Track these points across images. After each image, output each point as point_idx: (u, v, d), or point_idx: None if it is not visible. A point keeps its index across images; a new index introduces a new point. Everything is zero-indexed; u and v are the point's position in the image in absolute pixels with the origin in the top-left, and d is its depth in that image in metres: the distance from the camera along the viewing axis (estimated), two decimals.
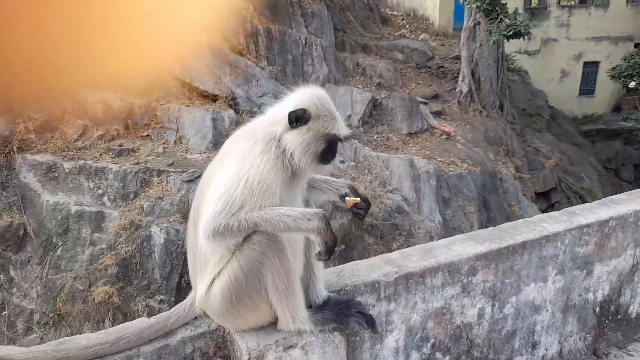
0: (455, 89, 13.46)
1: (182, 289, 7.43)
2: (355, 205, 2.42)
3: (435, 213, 10.52)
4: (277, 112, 2.22)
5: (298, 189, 2.30)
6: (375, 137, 11.45)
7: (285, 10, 11.85)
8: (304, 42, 11.72)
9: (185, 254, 2.57)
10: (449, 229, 10.58)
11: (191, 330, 2.34)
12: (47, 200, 7.59)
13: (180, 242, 7.69)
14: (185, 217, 7.88)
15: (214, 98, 9.48)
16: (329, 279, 2.76)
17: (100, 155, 8.14)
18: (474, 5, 10.90)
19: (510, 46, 13.94)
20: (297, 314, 2.22)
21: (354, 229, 9.17)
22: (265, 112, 2.30)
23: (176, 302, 3.17)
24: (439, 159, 11.36)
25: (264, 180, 2.04)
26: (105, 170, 7.88)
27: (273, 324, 2.35)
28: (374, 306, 2.73)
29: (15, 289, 7.46)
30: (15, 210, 7.71)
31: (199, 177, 7.27)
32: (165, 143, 8.87)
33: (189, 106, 9.26)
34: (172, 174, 8.09)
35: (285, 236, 2.10)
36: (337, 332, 2.36)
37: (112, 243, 7.53)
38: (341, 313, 2.33)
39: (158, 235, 7.61)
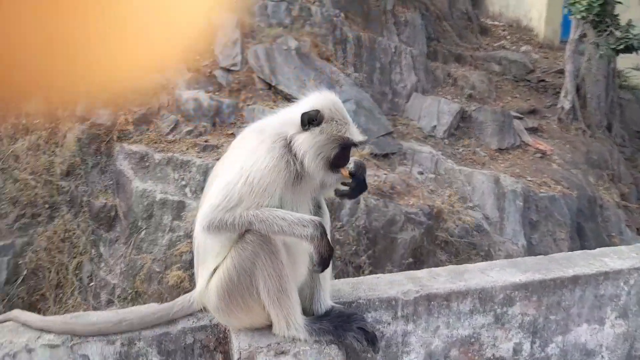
0: (556, 105, 12.49)
1: None
2: (346, 179, 2.30)
3: (520, 236, 9.83)
4: (290, 113, 2.21)
5: (305, 193, 2.26)
6: (461, 150, 10.97)
7: (377, 18, 11.80)
8: (393, 50, 11.59)
9: None
10: (533, 255, 9.82)
11: (193, 322, 2.40)
12: (137, 187, 8.24)
13: None
14: None
15: (296, 101, 9.68)
16: (342, 289, 2.69)
17: (187, 149, 8.68)
18: (578, 16, 10.01)
19: (625, 62, 12.61)
20: (292, 320, 2.18)
21: (425, 243, 8.85)
22: (278, 112, 2.30)
23: None
24: (529, 179, 10.61)
25: (264, 179, 2.03)
26: (189, 163, 8.39)
27: (270, 327, 2.33)
28: (389, 324, 2.61)
29: (102, 264, 8.19)
30: (109, 193, 8.47)
31: None
32: None
33: (272, 108, 9.55)
34: None
35: (280, 239, 2.07)
36: (335, 346, 2.29)
37: (188, 231, 7.98)
38: (340, 326, 2.25)
39: None
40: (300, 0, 11.39)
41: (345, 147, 2.20)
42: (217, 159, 8.62)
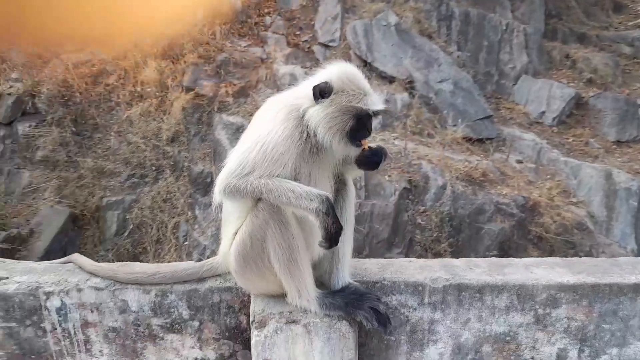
0: None
1: None
2: (364, 150, 2.23)
3: (630, 239, 8.84)
4: (305, 86, 2.21)
5: (325, 168, 2.25)
6: (570, 140, 10.01)
7: None
8: (504, 28, 10.81)
9: None
10: None
11: (220, 282, 2.54)
12: None
13: None
14: None
15: (391, 80, 9.51)
16: (369, 268, 2.67)
17: None
18: None
19: None
20: (304, 291, 2.22)
21: (516, 237, 8.32)
22: (295, 85, 2.31)
23: None
24: None
25: (277, 148, 2.07)
26: None
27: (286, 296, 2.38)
28: (415, 309, 2.56)
29: (197, 226, 8.88)
30: (207, 160, 9.09)
31: None
32: None
33: None
34: None
35: (290, 211, 2.10)
36: (346, 322, 2.30)
37: None
38: (351, 303, 2.25)
39: None
40: None
41: (360, 118, 2.15)
42: None
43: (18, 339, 2.52)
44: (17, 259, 3.21)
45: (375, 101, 2.18)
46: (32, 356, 2.56)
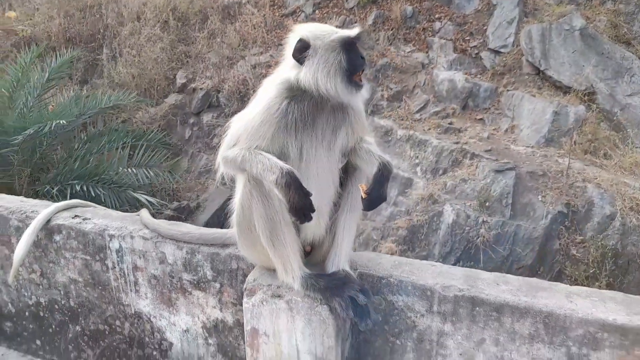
0: None
1: None
2: (364, 198, 2.17)
3: None
4: (285, 62, 2.25)
5: (322, 145, 2.23)
6: None
7: None
8: None
9: None
10: None
11: (238, 250, 2.70)
12: None
13: (467, 228, 7.58)
14: (482, 205, 7.67)
15: (566, 90, 8.46)
16: (382, 263, 2.58)
17: (429, 129, 8.76)
18: None
19: None
20: (288, 266, 2.27)
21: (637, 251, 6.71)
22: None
23: None
24: None
25: (256, 118, 2.17)
26: (427, 143, 8.46)
27: None
28: (422, 316, 2.40)
29: None
30: None
31: (510, 169, 7.06)
32: (495, 130, 8.65)
33: (534, 96, 8.61)
34: (485, 160, 7.90)
35: (266, 183, 2.14)
36: (327, 307, 2.26)
37: (409, 209, 8.16)
38: (330, 288, 2.22)
39: (449, 215, 7.72)
40: None
41: (348, 49, 2.10)
42: (456, 142, 8.44)
43: (91, 270, 3.08)
44: None
45: (349, 29, 2.15)
46: (99, 287, 3.10)
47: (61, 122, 7.21)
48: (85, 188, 7.21)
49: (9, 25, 10.75)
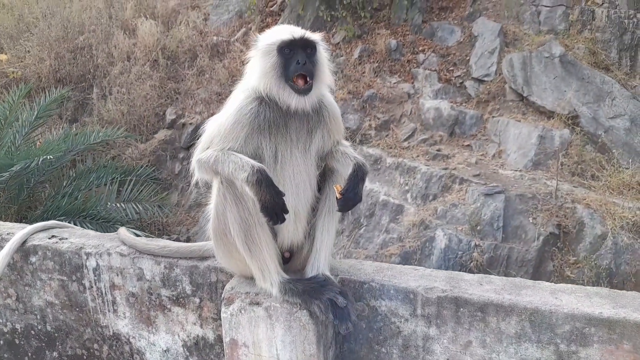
0: None
1: None
2: (338, 199, 2.15)
3: None
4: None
5: (297, 147, 2.21)
6: None
7: None
8: None
9: None
10: None
11: (217, 262, 2.64)
12: (366, 186, 8.77)
13: (460, 252, 7.51)
14: (474, 229, 7.64)
15: (550, 115, 8.60)
16: (363, 269, 2.52)
17: (417, 156, 8.81)
18: None
19: None
20: (266, 272, 2.21)
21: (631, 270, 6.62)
22: None
23: None
24: None
25: (228, 120, 2.16)
26: (416, 169, 8.49)
27: None
28: (407, 320, 2.33)
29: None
30: None
31: (499, 192, 7.04)
32: (483, 155, 8.72)
33: (519, 121, 8.74)
34: (474, 184, 7.92)
35: (238, 184, 2.12)
36: (307, 312, 2.20)
37: (401, 235, 8.10)
38: (309, 291, 2.16)
39: (441, 240, 7.66)
40: (583, 3, 10.04)
41: (283, 53, 2.09)
42: (444, 168, 8.45)
43: (67, 291, 2.99)
44: None
45: (295, 30, 2.13)
46: (77, 309, 3.00)
47: (48, 157, 7.19)
48: (72, 224, 7.12)
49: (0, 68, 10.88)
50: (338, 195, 2.16)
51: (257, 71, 2.16)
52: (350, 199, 2.16)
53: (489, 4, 10.46)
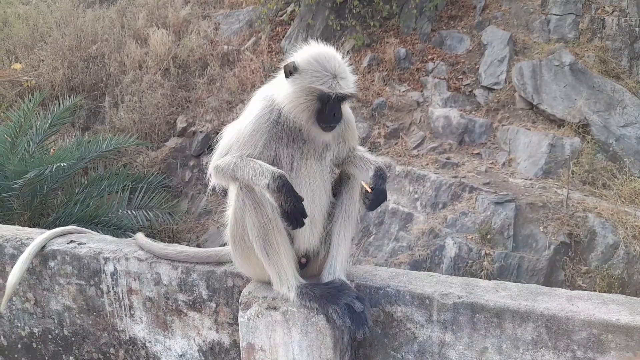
0: None
1: None
2: (366, 192, 2.18)
3: None
4: (279, 76, 2.29)
5: (312, 156, 2.25)
6: None
7: None
8: None
9: None
10: None
11: (233, 268, 2.67)
12: None
13: (470, 261, 7.49)
14: (484, 237, 7.62)
15: (560, 123, 8.59)
16: (379, 275, 2.54)
17: (427, 164, 8.82)
18: None
19: None
20: (283, 276, 2.24)
21: None
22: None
23: None
24: None
25: (247, 128, 2.19)
26: (425, 178, 8.50)
27: None
28: (422, 326, 2.35)
29: None
30: None
31: (510, 200, 7.06)
32: (493, 163, 8.71)
33: (529, 129, 8.73)
34: (484, 193, 7.91)
35: (258, 189, 2.15)
36: (324, 317, 2.22)
37: (411, 244, 8.09)
38: (326, 296, 2.18)
39: (450, 248, 7.65)
40: (593, 11, 10.06)
41: (324, 101, 2.10)
42: (454, 177, 8.49)
43: (85, 296, 3.03)
44: None
45: (340, 85, 2.12)
46: (94, 313, 3.04)
47: (62, 164, 7.27)
48: None
49: (14, 77, 11.05)
50: (369, 190, 2.18)
51: (287, 96, 2.16)
52: (381, 192, 2.18)
53: (498, 12, 10.50)
